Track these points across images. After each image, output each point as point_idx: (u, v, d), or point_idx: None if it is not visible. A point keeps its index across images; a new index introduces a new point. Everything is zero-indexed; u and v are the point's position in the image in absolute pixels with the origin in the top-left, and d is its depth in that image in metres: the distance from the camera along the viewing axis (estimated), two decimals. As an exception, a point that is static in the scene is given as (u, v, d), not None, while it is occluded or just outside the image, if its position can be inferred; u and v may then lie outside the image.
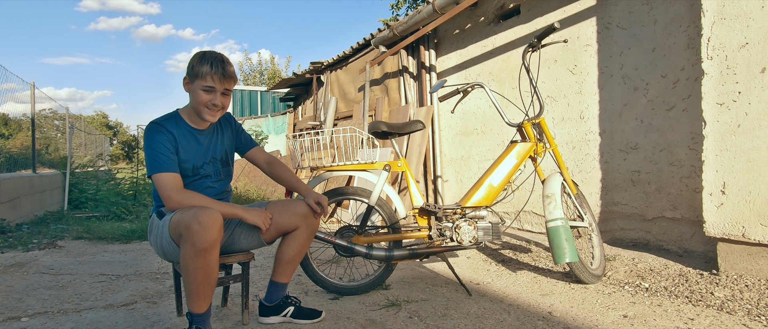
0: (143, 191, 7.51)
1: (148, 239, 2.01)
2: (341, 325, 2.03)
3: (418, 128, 2.51)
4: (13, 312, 2.31)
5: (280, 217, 1.99)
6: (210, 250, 1.66)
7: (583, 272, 2.40)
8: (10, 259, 3.55)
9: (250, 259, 2.06)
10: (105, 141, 18.19)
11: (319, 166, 2.49)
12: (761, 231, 2.26)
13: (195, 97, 1.87)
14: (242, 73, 26.87)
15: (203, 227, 1.63)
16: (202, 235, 1.63)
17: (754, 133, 2.28)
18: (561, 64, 3.66)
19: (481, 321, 2.02)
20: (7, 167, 6.81)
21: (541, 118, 2.62)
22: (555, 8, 3.68)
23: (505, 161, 2.52)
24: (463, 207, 2.48)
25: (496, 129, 4.36)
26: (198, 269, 1.68)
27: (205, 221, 1.63)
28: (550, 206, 2.38)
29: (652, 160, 3.08)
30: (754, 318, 1.93)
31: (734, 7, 2.33)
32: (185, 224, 1.65)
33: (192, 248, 1.64)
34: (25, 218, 5.56)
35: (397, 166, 2.50)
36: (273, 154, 10.06)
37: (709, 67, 2.43)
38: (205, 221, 1.63)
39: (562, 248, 2.29)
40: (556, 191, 2.42)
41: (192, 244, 1.64)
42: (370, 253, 2.37)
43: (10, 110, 7.02)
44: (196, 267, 1.67)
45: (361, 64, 6.39)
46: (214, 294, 2.50)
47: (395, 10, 15.40)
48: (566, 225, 2.33)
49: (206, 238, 1.63)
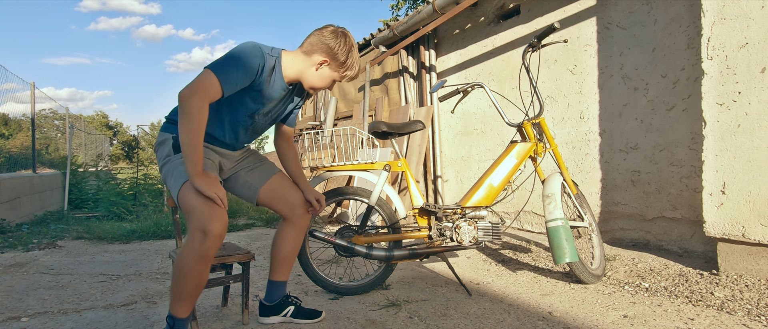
0: (143, 191, 7.50)
1: (155, 152, 1.89)
2: (341, 325, 2.03)
3: (418, 128, 2.51)
4: (13, 312, 2.31)
5: (278, 193, 2.01)
6: (213, 258, 1.62)
7: (583, 272, 2.40)
8: (10, 259, 3.55)
9: (250, 259, 2.07)
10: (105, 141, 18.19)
11: (319, 166, 2.49)
12: (761, 231, 2.26)
13: (319, 75, 1.88)
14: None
15: (218, 237, 1.56)
16: (214, 243, 1.57)
17: (754, 133, 2.28)
18: (561, 64, 3.66)
19: (481, 321, 2.02)
20: (7, 167, 6.82)
21: (541, 118, 2.62)
22: (555, 8, 3.68)
23: (505, 161, 2.52)
24: (463, 207, 2.48)
25: (496, 129, 4.36)
26: (196, 275, 1.62)
27: (220, 231, 1.57)
28: (550, 206, 2.39)
29: (652, 160, 3.08)
30: (754, 318, 1.93)
31: (734, 7, 2.33)
32: (199, 226, 1.56)
33: (197, 253, 1.57)
34: (25, 218, 5.56)
35: (397, 166, 2.50)
36: (273, 154, 10.06)
37: (709, 67, 2.43)
38: (221, 230, 1.57)
39: (561, 248, 2.29)
40: (556, 191, 2.42)
41: (198, 250, 1.56)
42: (370, 253, 2.37)
43: (10, 110, 7.04)
44: (194, 272, 1.61)
45: (361, 65, 6.40)
46: (214, 294, 2.50)
47: (395, 10, 15.40)
48: (566, 225, 2.33)
49: (215, 246, 1.58)
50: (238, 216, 5.92)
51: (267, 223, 5.29)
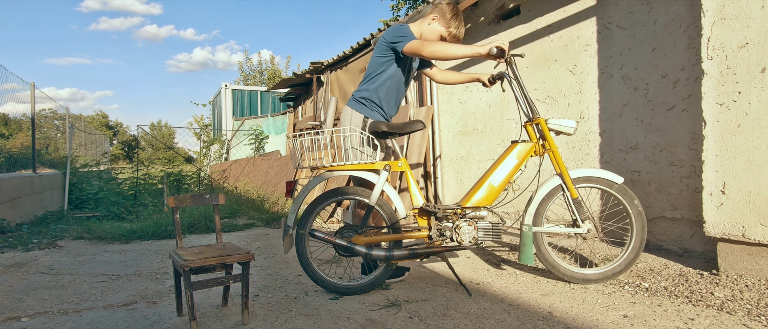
0: (143, 191, 7.51)
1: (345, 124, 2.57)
2: (341, 325, 2.03)
3: (418, 127, 2.50)
4: (13, 312, 2.31)
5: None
6: None
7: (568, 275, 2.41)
8: (10, 259, 3.55)
9: (250, 259, 2.07)
10: (105, 141, 18.20)
11: (320, 166, 2.49)
12: (761, 231, 2.26)
13: (433, 31, 2.56)
14: (242, 73, 26.88)
15: None
16: None
17: (754, 133, 2.28)
18: (561, 64, 3.66)
19: (481, 321, 2.02)
20: (7, 167, 6.82)
21: (541, 119, 2.61)
22: (555, 8, 3.68)
23: (505, 161, 2.52)
24: (464, 207, 2.48)
25: (496, 129, 4.36)
26: None
27: None
28: (528, 209, 2.52)
29: (652, 160, 3.08)
30: (754, 318, 1.93)
31: (734, 7, 2.33)
32: None
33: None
34: (25, 218, 5.56)
35: (398, 166, 2.50)
36: (273, 154, 10.07)
37: (709, 67, 2.43)
38: None
39: (522, 251, 2.47)
40: (539, 198, 2.51)
41: None
42: (370, 253, 2.37)
43: (11, 110, 7.03)
44: None
45: (361, 64, 6.39)
46: (215, 294, 2.50)
47: (395, 10, 15.37)
48: (529, 232, 2.46)
49: None
50: (238, 216, 5.92)
51: (267, 223, 5.30)
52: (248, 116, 14.75)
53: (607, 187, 2.50)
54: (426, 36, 2.57)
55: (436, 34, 2.57)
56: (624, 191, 2.48)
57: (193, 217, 4.97)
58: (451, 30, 2.56)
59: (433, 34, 2.56)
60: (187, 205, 2.31)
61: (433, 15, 2.57)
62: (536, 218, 2.52)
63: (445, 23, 2.55)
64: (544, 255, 2.52)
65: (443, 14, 2.55)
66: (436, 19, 2.56)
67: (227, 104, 15.14)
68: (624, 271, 2.47)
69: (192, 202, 2.31)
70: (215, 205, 2.36)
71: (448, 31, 2.56)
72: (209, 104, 19.66)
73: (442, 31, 2.57)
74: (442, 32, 2.57)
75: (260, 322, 2.09)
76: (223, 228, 4.85)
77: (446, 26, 2.55)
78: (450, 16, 2.54)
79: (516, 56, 2.54)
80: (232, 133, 13.26)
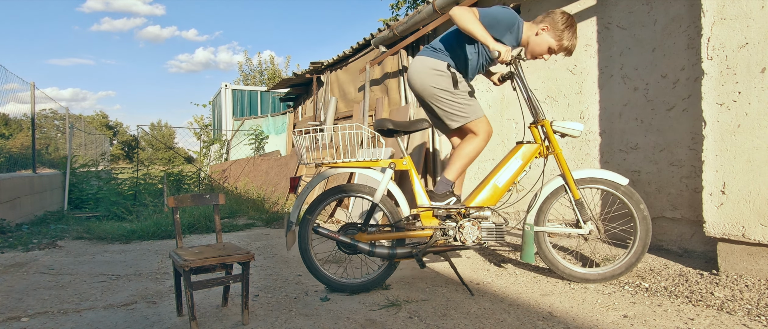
0: (143, 191, 7.50)
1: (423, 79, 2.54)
2: (341, 325, 2.03)
3: (423, 126, 2.50)
4: (13, 312, 2.31)
5: None
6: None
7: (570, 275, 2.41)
8: (10, 259, 3.55)
9: (250, 259, 2.07)
10: (105, 141, 18.18)
11: (324, 162, 2.48)
12: (761, 231, 2.26)
13: (541, 42, 2.42)
14: (242, 73, 26.88)
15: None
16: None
17: (754, 133, 2.28)
18: (561, 64, 3.66)
19: (481, 321, 2.02)
20: (7, 167, 6.82)
21: (546, 121, 2.60)
22: (555, 8, 3.68)
23: (510, 161, 2.52)
24: (467, 207, 2.48)
25: (497, 129, 4.36)
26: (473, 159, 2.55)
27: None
28: (531, 209, 2.52)
29: (652, 160, 3.08)
30: (754, 318, 1.93)
31: (734, 7, 2.33)
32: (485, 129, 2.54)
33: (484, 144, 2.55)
34: (25, 218, 5.56)
35: (402, 164, 2.50)
36: (273, 154, 10.07)
37: (709, 68, 2.43)
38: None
39: (523, 250, 2.50)
40: (541, 198, 2.52)
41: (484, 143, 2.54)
42: (373, 250, 2.37)
43: (11, 111, 7.04)
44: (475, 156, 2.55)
45: (361, 64, 6.39)
46: (215, 294, 2.50)
47: (395, 10, 15.38)
48: (531, 231, 2.48)
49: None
50: (238, 216, 5.92)
51: (267, 223, 5.29)
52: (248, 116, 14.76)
53: (612, 189, 2.49)
54: (532, 47, 2.45)
55: (544, 47, 2.41)
56: (630, 194, 2.46)
57: (193, 217, 4.97)
58: (563, 42, 2.39)
59: (540, 46, 2.41)
60: (187, 205, 2.31)
61: (543, 25, 2.39)
62: (539, 217, 2.52)
63: (557, 35, 2.38)
64: (545, 254, 2.52)
65: (555, 25, 2.36)
66: (547, 29, 2.38)
67: (227, 104, 15.15)
68: (624, 273, 2.47)
69: (192, 202, 2.31)
70: (215, 205, 2.36)
71: (558, 44, 2.39)
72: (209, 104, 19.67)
73: (551, 43, 2.40)
74: (551, 44, 2.40)
75: (260, 322, 2.09)
76: (223, 228, 4.85)
77: (558, 39, 2.38)
78: (563, 28, 2.35)
79: (519, 59, 2.52)
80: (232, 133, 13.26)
